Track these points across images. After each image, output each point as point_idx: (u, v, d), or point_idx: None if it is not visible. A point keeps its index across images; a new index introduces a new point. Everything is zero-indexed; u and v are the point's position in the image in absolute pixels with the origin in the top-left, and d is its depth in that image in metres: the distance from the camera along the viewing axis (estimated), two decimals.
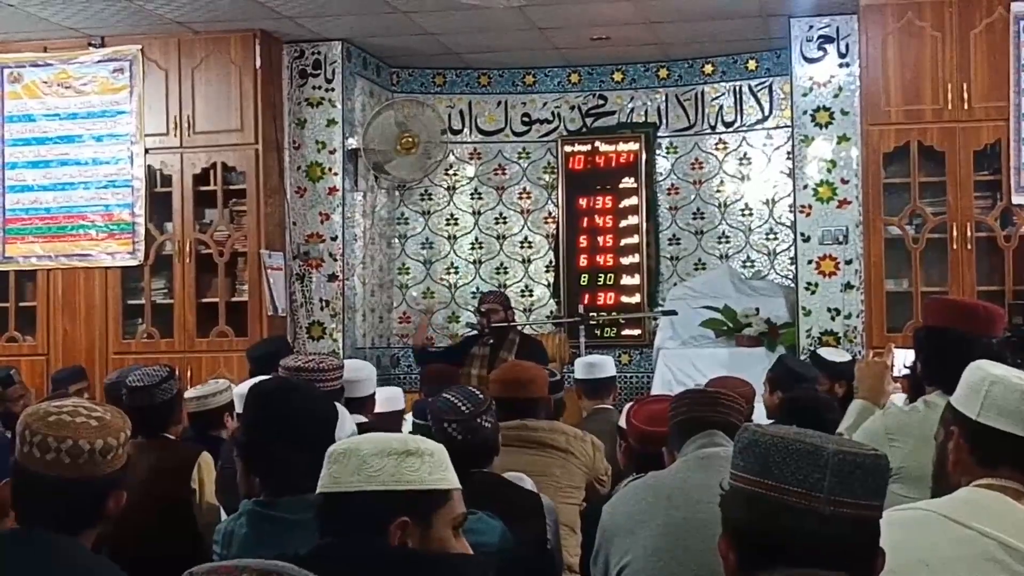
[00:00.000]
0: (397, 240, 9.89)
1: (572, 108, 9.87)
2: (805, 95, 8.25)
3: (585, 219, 9.84)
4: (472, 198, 9.97)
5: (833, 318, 8.08)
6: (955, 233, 7.57)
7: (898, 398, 4.52)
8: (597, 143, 9.81)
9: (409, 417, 5.20)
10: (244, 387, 4.88)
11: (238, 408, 4.79)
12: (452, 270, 9.95)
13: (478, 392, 3.58)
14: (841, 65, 8.18)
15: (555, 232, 9.89)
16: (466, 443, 3.41)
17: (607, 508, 2.93)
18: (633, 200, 9.75)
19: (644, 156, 9.70)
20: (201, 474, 4.34)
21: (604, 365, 5.95)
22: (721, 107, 9.59)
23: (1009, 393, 2.30)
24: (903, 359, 4.50)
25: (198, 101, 8.42)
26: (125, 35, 8.41)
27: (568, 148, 9.84)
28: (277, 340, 7.31)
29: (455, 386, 3.91)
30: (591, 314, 8.80)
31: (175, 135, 8.44)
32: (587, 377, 5.85)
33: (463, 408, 3.46)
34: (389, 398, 5.33)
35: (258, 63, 8.35)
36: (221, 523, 3.22)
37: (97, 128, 8.53)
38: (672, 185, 9.76)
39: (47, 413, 2.49)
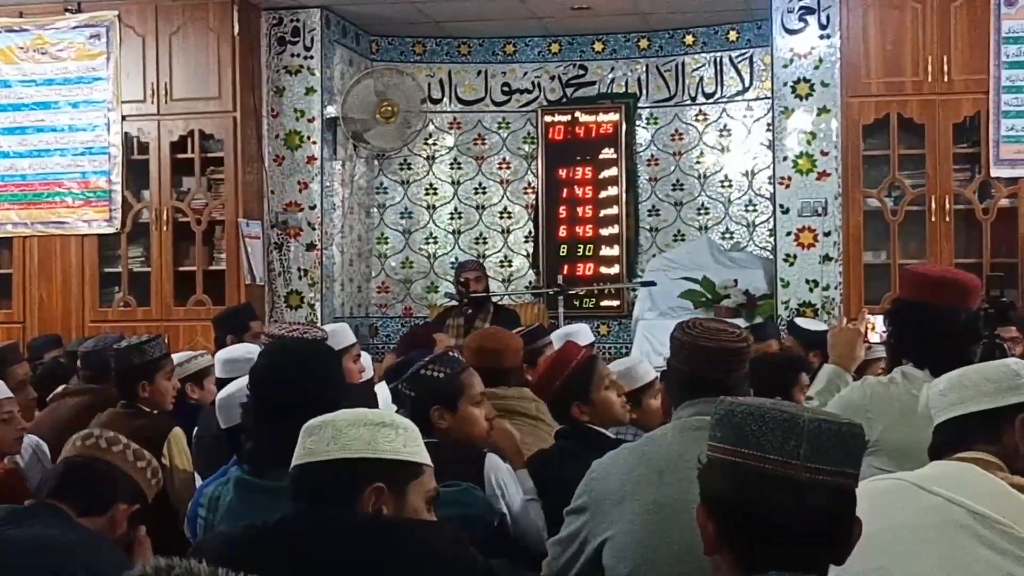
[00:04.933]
0: (376, 209, 9.86)
1: (552, 78, 9.84)
2: (785, 66, 8.22)
3: (565, 190, 9.83)
4: (451, 168, 9.94)
5: (811, 290, 8.09)
6: (934, 206, 7.60)
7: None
8: (577, 113, 9.80)
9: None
10: (226, 353, 4.87)
11: (219, 373, 4.77)
12: (431, 240, 9.93)
13: (424, 363, 3.49)
14: (822, 37, 8.15)
15: (534, 202, 9.87)
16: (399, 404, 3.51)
17: (599, 468, 2.81)
18: (613, 171, 9.74)
19: (624, 127, 9.68)
20: (171, 450, 4.29)
21: (580, 334, 5.91)
22: (702, 78, 9.58)
23: (936, 396, 2.55)
24: (882, 326, 4.51)
25: (176, 68, 8.36)
26: (102, 0, 8.35)
27: (548, 118, 9.82)
28: (241, 305, 7.45)
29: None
30: (570, 285, 8.78)
31: (152, 102, 8.38)
32: None
33: (405, 372, 3.49)
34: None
35: (236, 30, 8.29)
36: (208, 487, 3.19)
37: (73, 95, 8.47)
38: (652, 156, 9.76)
39: None
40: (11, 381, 4.81)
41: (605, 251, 9.76)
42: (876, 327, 4.62)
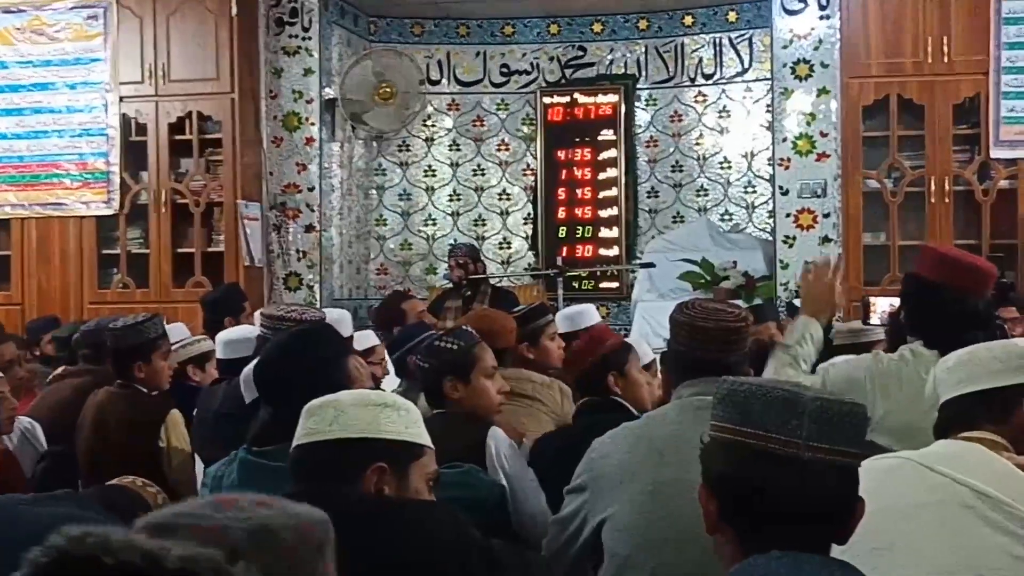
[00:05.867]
0: (375, 191, 9.84)
1: (551, 59, 9.81)
2: (785, 47, 8.20)
3: (564, 171, 9.82)
4: (450, 149, 9.92)
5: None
6: (933, 187, 7.59)
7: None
8: (576, 95, 9.78)
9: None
10: (227, 335, 4.86)
11: (220, 355, 4.76)
12: (430, 222, 9.91)
13: (440, 335, 3.69)
14: (821, 17, 8.12)
15: (533, 184, 9.86)
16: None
17: (599, 447, 2.83)
18: (612, 152, 9.72)
19: (623, 108, 9.67)
20: (168, 432, 4.29)
21: (585, 314, 5.87)
22: (701, 59, 9.56)
23: (943, 373, 2.55)
24: (883, 307, 4.49)
25: (173, 49, 8.32)
26: None
27: (547, 100, 9.80)
28: (229, 286, 7.35)
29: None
30: (569, 267, 8.76)
31: (150, 83, 8.35)
32: (568, 331, 5.75)
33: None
34: (359, 337, 5.23)
35: (234, 11, 8.25)
36: (212, 466, 3.21)
37: (71, 76, 8.43)
38: (651, 138, 9.74)
39: None
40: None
41: (604, 233, 9.75)
42: (877, 308, 4.59)
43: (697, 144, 9.62)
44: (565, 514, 2.85)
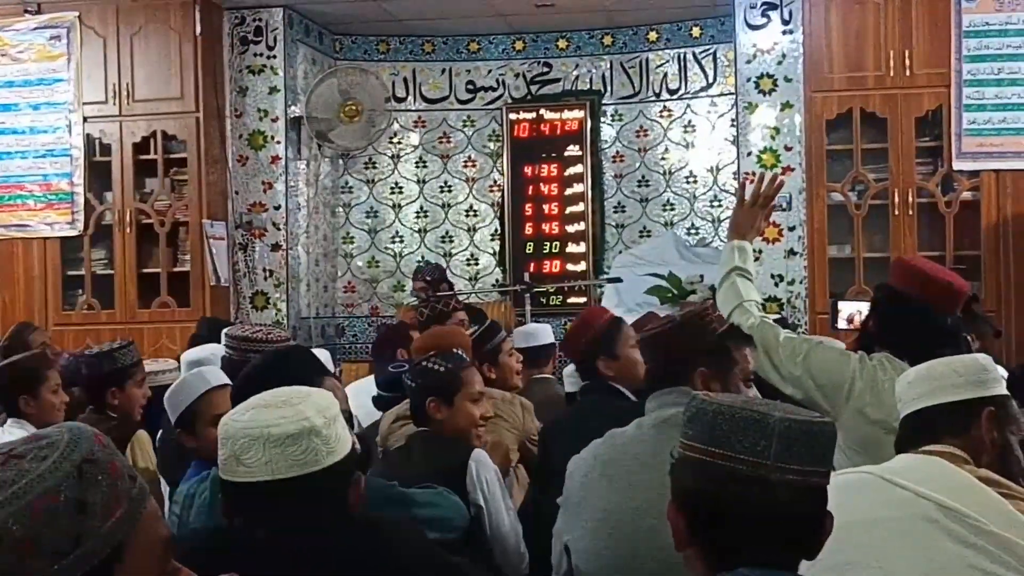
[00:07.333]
0: (341, 209, 9.82)
1: (517, 76, 9.83)
2: (749, 62, 8.25)
3: (530, 187, 9.82)
4: (417, 166, 9.92)
5: (777, 284, 8.13)
6: (897, 199, 7.64)
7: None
8: (542, 111, 9.79)
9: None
10: (192, 354, 4.83)
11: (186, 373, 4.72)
12: (397, 239, 9.90)
13: (429, 356, 3.69)
14: (785, 32, 8.19)
15: (500, 200, 9.87)
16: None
17: (571, 466, 2.87)
18: (578, 168, 9.74)
19: (589, 124, 9.69)
20: (134, 452, 4.27)
21: (541, 333, 5.92)
22: (666, 74, 9.59)
23: (904, 387, 2.59)
24: (848, 311, 4.52)
25: (137, 69, 8.30)
26: (62, 1, 8.28)
27: (513, 116, 9.81)
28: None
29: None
30: (537, 282, 8.76)
31: (114, 103, 8.31)
32: (525, 346, 5.79)
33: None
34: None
35: (198, 30, 8.24)
36: (183, 485, 3.19)
37: (34, 96, 8.39)
38: (617, 153, 9.77)
39: None
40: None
41: (571, 248, 9.76)
42: (843, 312, 4.63)
43: (663, 159, 9.66)
44: (556, 528, 2.91)
